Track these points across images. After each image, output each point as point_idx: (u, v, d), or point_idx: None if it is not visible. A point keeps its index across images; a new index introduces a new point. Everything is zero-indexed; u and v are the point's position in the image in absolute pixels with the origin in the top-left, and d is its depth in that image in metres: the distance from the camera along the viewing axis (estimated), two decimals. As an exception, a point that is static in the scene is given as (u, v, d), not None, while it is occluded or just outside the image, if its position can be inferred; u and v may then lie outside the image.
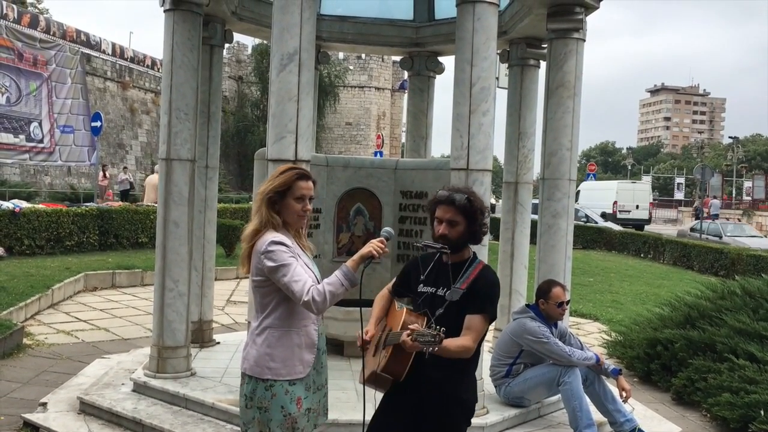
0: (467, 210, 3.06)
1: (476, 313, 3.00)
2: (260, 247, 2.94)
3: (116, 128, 33.32)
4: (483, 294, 3.04)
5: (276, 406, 2.93)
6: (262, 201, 3.00)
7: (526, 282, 6.86)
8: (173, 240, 5.53)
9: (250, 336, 3.06)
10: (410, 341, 2.76)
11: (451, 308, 3.01)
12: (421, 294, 3.15)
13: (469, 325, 3.00)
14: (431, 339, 2.70)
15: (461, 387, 3.10)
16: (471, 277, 3.06)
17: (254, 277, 3.00)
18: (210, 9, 5.92)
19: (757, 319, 6.66)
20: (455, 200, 3.06)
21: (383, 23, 7.45)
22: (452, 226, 3.07)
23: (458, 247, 3.11)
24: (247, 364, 3.01)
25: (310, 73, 4.72)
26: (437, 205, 3.11)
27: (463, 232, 3.09)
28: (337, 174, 6.68)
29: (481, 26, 4.72)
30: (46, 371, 6.60)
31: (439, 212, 3.10)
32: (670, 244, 20.05)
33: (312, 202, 3.09)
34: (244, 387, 3.02)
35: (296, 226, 3.07)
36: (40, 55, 22.44)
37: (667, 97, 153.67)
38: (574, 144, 5.72)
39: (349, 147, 49.95)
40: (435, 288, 3.12)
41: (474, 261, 3.15)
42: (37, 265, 11.33)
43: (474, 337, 2.99)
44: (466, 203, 3.06)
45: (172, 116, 5.49)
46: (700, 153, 68.95)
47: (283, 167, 3.11)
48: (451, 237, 3.07)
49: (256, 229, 2.99)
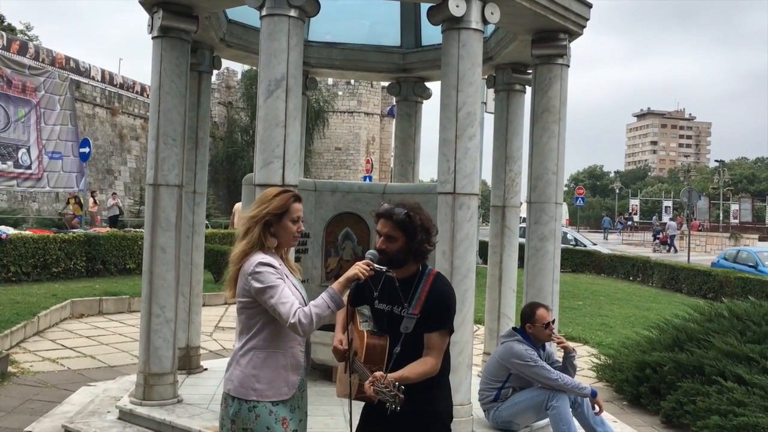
0: (405, 225, 3.00)
1: (435, 330, 3.00)
2: (248, 269, 2.94)
3: (105, 154, 33.27)
4: (437, 311, 3.01)
5: (261, 428, 2.91)
6: (256, 224, 3.01)
7: (514, 305, 6.87)
8: (160, 266, 5.51)
9: (234, 357, 3.04)
10: (372, 393, 2.76)
11: (408, 334, 2.99)
12: (379, 312, 3.14)
13: (429, 344, 3.00)
14: (391, 399, 2.70)
15: (434, 401, 3.09)
16: (423, 296, 3.02)
17: (240, 299, 3.00)
18: (198, 36, 5.97)
19: (745, 342, 6.68)
20: (393, 214, 3.02)
21: (371, 49, 7.52)
22: (390, 241, 3.03)
23: (398, 263, 3.05)
24: (231, 385, 2.99)
25: (297, 99, 4.75)
26: (377, 218, 3.09)
27: (402, 248, 3.03)
28: (325, 199, 6.70)
29: (466, 52, 4.78)
30: (31, 399, 6.52)
31: (378, 225, 3.08)
32: (658, 267, 20.12)
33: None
34: (228, 410, 2.99)
35: (289, 246, 3.11)
36: (29, 82, 22.45)
37: (654, 121, 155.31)
38: (560, 168, 5.77)
39: (339, 172, 50.04)
40: (390, 306, 3.09)
41: (423, 275, 3.08)
42: (23, 292, 11.23)
43: (436, 354, 3.00)
44: (405, 218, 3.00)
45: (160, 142, 5.51)
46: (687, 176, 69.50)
47: (274, 190, 3.12)
48: (389, 251, 3.03)
49: (245, 251, 2.99)
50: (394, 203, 3.09)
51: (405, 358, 2.98)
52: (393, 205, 3.06)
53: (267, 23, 4.68)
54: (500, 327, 6.61)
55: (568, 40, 5.68)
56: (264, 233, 3.00)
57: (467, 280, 4.81)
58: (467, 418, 4.87)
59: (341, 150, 51.28)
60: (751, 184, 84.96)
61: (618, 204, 74.23)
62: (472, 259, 4.86)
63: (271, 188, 3.18)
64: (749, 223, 45.34)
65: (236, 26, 6.64)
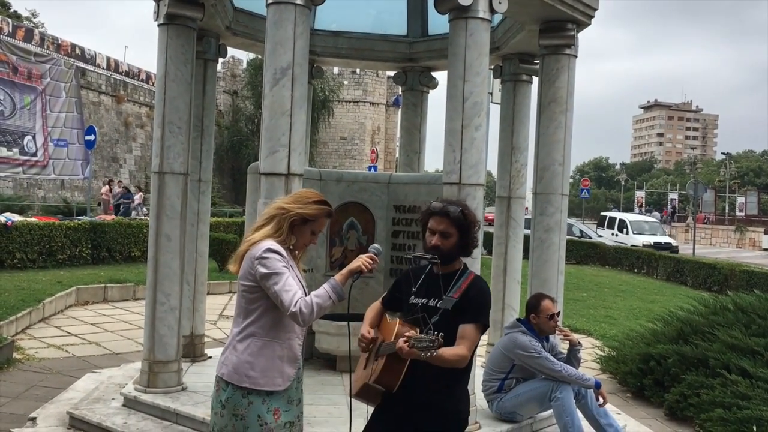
0: (461, 222, 3.09)
1: (469, 322, 3.01)
2: (255, 253, 2.94)
3: (110, 142, 33.31)
4: (475, 303, 3.05)
5: (253, 415, 2.91)
6: (285, 217, 3.02)
7: (518, 297, 6.86)
8: (165, 254, 5.51)
9: (231, 341, 3.03)
10: (407, 347, 2.75)
11: (444, 318, 3.00)
12: (413, 305, 3.15)
13: (463, 334, 3.00)
14: (429, 344, 2.70)
15: (454, 399, 3.09)
16: (463, 286, 3.07)
17: (243, 282, 2.99)
18: (204, 23, 5.95)
19: (750, 335, 6.67)
20: (449, 212, 3.08)
21: (377, 38, 7.49)
22: (445, 238, 3.09)
23: (449, 258, 3.12)
24: (225, 369, 2.98)
25: (303, 88, 4.73)
26: (431, 216, 3.13)
27: (455, 244, 3.11)
28: (330, 188, 6.69)
29: (473, 42, 4.75)
30: (36, 386, 6.55)
31: (432, 223, 3.12)
32: (663, 259, 20.09)
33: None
34: (219, 393, 2.98)
35: (297, 250, 3.14)
36: (34, 69, 22.46)
37: (660, 113, 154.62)
38: (567, 159, 5.74)
39: (344, 161, 50.01)
40: (427, 299, 3.12)
41: (465, 271, 3.16)
42: (28, 279, 11.27)
43: (468, 345, 2.99)
44: (460, 215, 3.09)
45: (165, 130, 5.50)
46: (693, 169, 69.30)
47: (315, 195, 3.13)
48: (444, 248, 3.09)
49: (268, 236, 2.99)
50: (445, 201, 3.18)
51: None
52: (446, 203, 3.14)
53: (273, 11, 4.65)
54: (504, 318, 6.60)
55: (576, 30, 5.64)
56: (287, 228, 3.02)
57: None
58: (471, 409, 4.86)
59: (346, 140, 51.23)
60: (758, 176, 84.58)
61: (623, 196, 74.06)
62: (477, 250, 4.84)
63: (313, 192, 3.19)
64: (755, 216, 45.08)
65: (242, 14, 6.62)
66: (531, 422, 5.35)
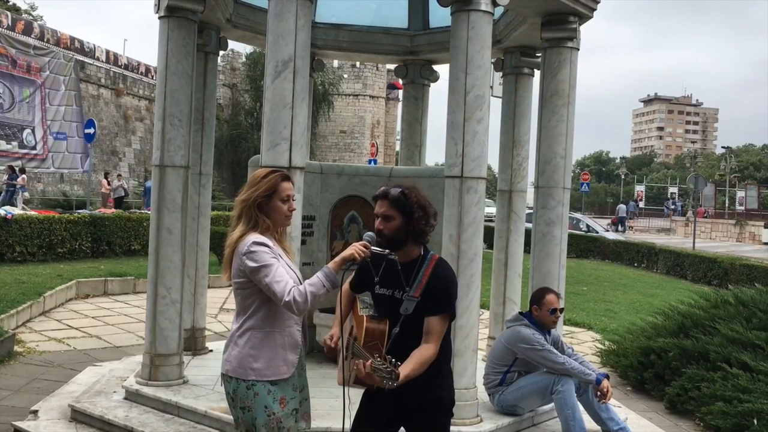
0: (401, 204, 3.00)
1: (434, 314, 2.98)
2: (242, 249, 2.94)
3: (109, 135, 33.27)
4: (438, 295, 2.99)
5: (260, 406, 2.93)
6: (250, 206, 3.02)
7: (520, 290, 6.86)
8: (166, 247, 5.51)
9: (231, 338, 3.05)
10: (369, 372, 2.75)
11: (408, 317, 2.98)
12: (380, 296, 3.11)
13: (429, 329, 2.97)
14: (387, 376, 2.69)
15: (436, 387, 3.08)
16: (424, 279, 3.00)
17: (236, 279, 3.00)
18: (205, 16, 5.92)
19: (750, 329, 6.67)
20: (388, 194, 3.02)
21: (378, 31, 7.46)
22: (387, 221, 3.01)
23: (396, 244, 3.03)
24: (229, 365, 3.00)
25: (304, 81, 4.72)
26: (375, 200, 3.09)
27: (400, 228, 3.01)
28: (331, 181, 6.67)
29: (475, 35, 4.73)
30: (37, 379, 6.55)
31: (376, 207, 3.08)
32: (663, 253, 20.09)
33: (295, 202, 3.14)
34: (226, 389, 3.02)
35: (283, 226, 3.12)
36: (33, 62, 22.44)
37: (660, 107, 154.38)
38: (568, 152, 5.73)
39: (344, 155, 49.97)
40: (392, 290, 3.07)
41: (425, 260, 3.06)
42: (28, 272, 11.27)
43: (435, 339, 2.97)
44: (400, 196, 3.00)
45: (166, 123, 5.48)
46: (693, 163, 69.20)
47: (262, 172, 3.12)
48: (387, 232, 3.01)
49: (242, 235, 3.00)
50: (391, 185, 3.09)
51: (404, 341, 2.96)
52: (390, 186, 3.07)
53: (275, 3, 4.63)
54: (505, 312, 6.60)
55: (578, 23, 5.62)
56: (257, 215, 3.01)
57: (474, 264, 4.79)
58: (472, 402, 4.87)
59: (346, 133, 51.15)
60: (758, 170, 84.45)
61: (623, 190, 74.04)
62: (479, 244, 4.84)
63: (260, 170, 3.17)
64: (755, 210, 45.02)
65: (243, 6, 6.59)
66: (532, 415, 5.35)
